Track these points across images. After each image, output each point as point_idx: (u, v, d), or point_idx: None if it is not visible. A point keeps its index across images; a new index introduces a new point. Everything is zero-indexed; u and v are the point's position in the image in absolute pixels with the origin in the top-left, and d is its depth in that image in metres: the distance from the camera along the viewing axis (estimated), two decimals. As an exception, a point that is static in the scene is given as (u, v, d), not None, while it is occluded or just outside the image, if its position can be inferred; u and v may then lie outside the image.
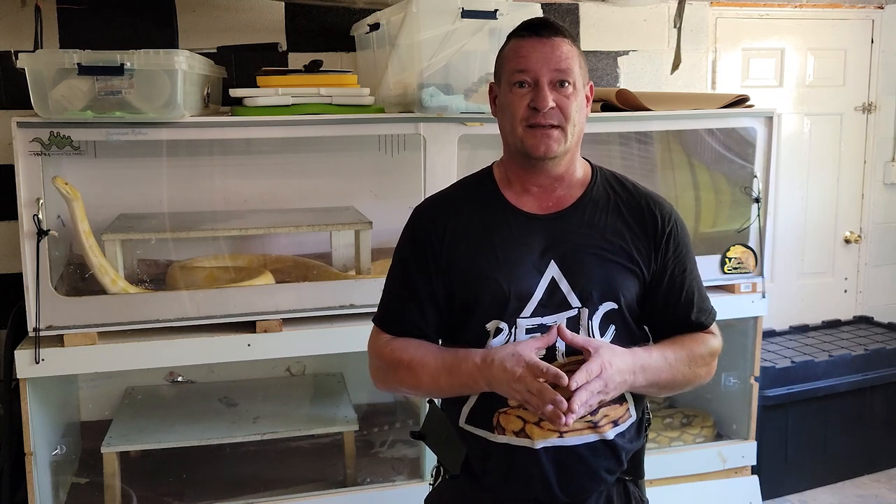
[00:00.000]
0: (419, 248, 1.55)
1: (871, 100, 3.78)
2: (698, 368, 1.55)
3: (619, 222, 1.54)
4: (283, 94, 2.35)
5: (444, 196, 1.63)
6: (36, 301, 2.20)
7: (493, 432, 1.50)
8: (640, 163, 3.07)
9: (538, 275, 1.49)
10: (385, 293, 1.62)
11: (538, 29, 1.50)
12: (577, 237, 1.52)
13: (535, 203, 1.55)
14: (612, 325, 1.52)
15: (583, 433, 1.48)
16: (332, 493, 2.60)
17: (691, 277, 1.58)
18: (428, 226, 1.56)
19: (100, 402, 2.89)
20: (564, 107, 1.47)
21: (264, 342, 2.40)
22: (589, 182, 1.58)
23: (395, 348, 1.54)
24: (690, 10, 3.30)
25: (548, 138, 1.47)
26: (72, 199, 2.24)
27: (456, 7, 2.30)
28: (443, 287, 1.53)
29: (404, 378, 1.53)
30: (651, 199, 1.58)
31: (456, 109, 2.37)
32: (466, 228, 1.54)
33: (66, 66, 2.09)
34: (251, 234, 2.81)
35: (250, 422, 2.66)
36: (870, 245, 3.90)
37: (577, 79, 1.49)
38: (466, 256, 1.52)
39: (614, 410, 1.50)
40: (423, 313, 1.55)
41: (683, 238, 1.58)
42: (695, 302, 1.58)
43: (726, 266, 2.79)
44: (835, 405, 3.28)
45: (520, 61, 1.48)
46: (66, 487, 2.55)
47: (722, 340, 1.60)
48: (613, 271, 1.51)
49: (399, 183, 2.75)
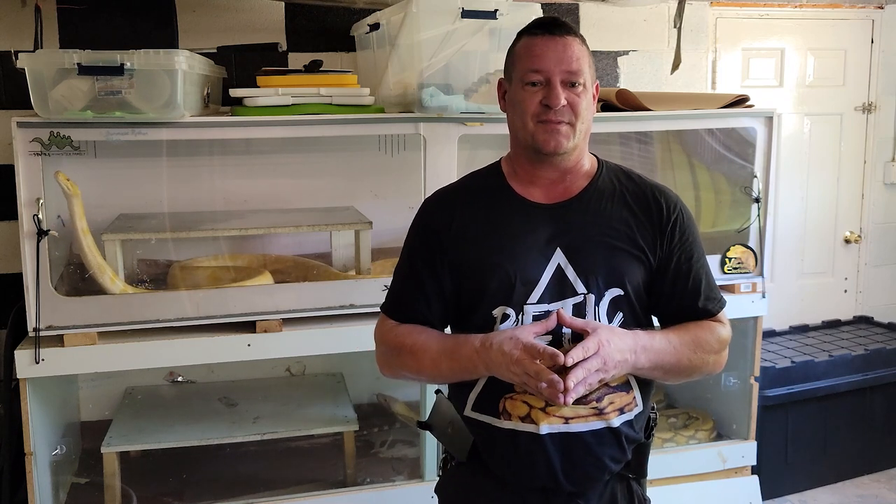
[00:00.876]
0: (426, 242, 1.59)
1: (871, 100, 3.78)
2: (705, 355, 1.56)
3: (625, 211, 1.57)
4: (283, 94, 2.36)
5: (453, 188, 1.67)
6: (36, 301, 2.20)
7: (500, 418, 1.51)
8: (640, 163, 3.06)
9: (544, 261, 1.52)
10: (393, 281, 1.66)
11: (551, 28, 1.52)
12: (583, 225, 1.55)
13: (542, 193, 1.58)
14: (619, 312, 1.53)
15: (588, 420, 1.49)
16: (332, 493, 2.60)
17: (699, 266, 1.60)
18: (435, 218, 1.60)
19: (100, 402, 2.89)
20: (575, 105, 1.51)
21: (264, 342, 2.40)
22: (595, 173, 1.61)
23: (399, 333, 1.58)
24: (690, 10, 3.30)
25: (558, 134, 1.51)
26: (71, 196, 2.24)
27: (456, 7, 2.30)
28: (449, 280, 1.57)
29: (407, 362, 1.56)
30: (657, 188, 1.61)
31: (456, 109, 2.37)
32: (474, 219, 1.57)
33: (66, 66, 2.09)
34: (251, 234, 2.81)
35: (250, 422, 2.66)
36: (870, 245, 3.90)
37: (587, 78, 1.52)
38: (473, 246, 1.55)
39: (620, 398, 1.52)
40: (428, 304, 1.59)
41: (689, 226, 1.60)
42: (702, 290, 1.59)
43: (726, 266, 2.79)
44: (835, 405, 3.28)
45: (533, 60, 1.51)
46: (66, 487, 2.55)
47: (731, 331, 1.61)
48: (618, 257, 1.53)
49: (399, 183, 2.75)
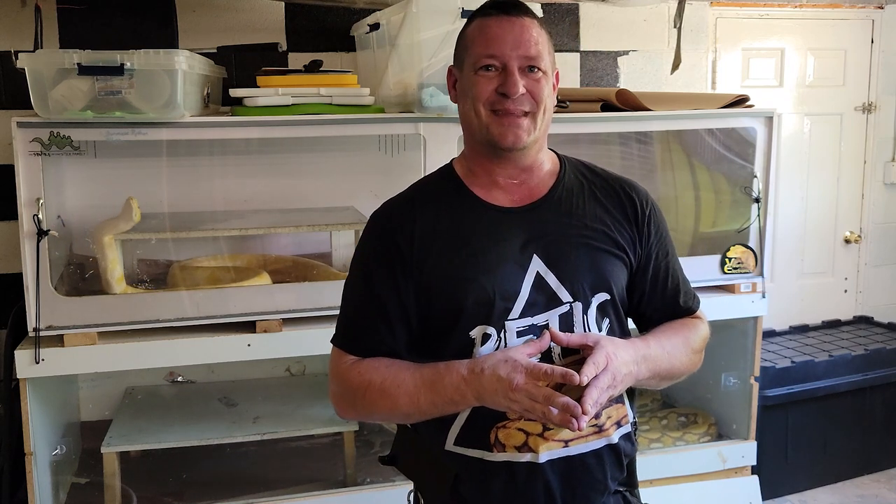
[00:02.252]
0: (384, 258, 1.41)
1: (871, 100, 3.78)
2: (693, 355, 1.49)
3: (598, 208, 1.46)
4: (283, 94, 2.35)
5: (406, 198, 1.49)
6: (36, 301, 2.20)
7: (492, 450, 1.37)
8: (640, 163, 3.06)
9: (522, 271, 1.38)
10: (345, 310, 1.46)
11: (506, 8, 1.39)
12: (558, 227, 1.42)
13: (506, 196, 1.45)
14: (606, 319, 1.43)
15: (588, 439, 1.39)
16: (332, 493, 2.60)
17: (673, 261, 1.53)
18: (393, 232, 1.41)
19: (100, 402, 2.89)
20: (535, 92, 1.38)
21: (264, 342, 2.40)
22: (559, 171, 1.49)
23: (363, 370, 1.39)
24: (690, 10, 3.30)
25: (517, 128, 1.38)
26: (129, 221, 2.33)
27: (456, 7, 2.30)
28: (414, 299, 1.40)
29: (377, 402, 1.37)
30: (625, 182, 1.51)
31: (456, 109, 2.36)
32: (436, 230, 1.41)
33: (66, 66, 2.09)
34: (251, 234, 2.81)
35: (250, 422, 2.66)
36: (870, 245, 3.90)
37: (546, 64, 1.39)
38: (441, 261, 1.39)
39: (616, 411, 1.43)
40: (391, 330, 1.40)
41: (662, 222, 1.52)
42: (681, 287, 1.54)
43: (726, 266, 2.79)
44: (835, 405, 3.28)
45: (488, 44, 1.37)
46: (66, 487, 2.55)
47: (708, 326, 1.56)
48: (602, 259, 1.42)
49: (399, 183, 2.70)
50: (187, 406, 2.80)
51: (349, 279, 1.48)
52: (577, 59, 3.25)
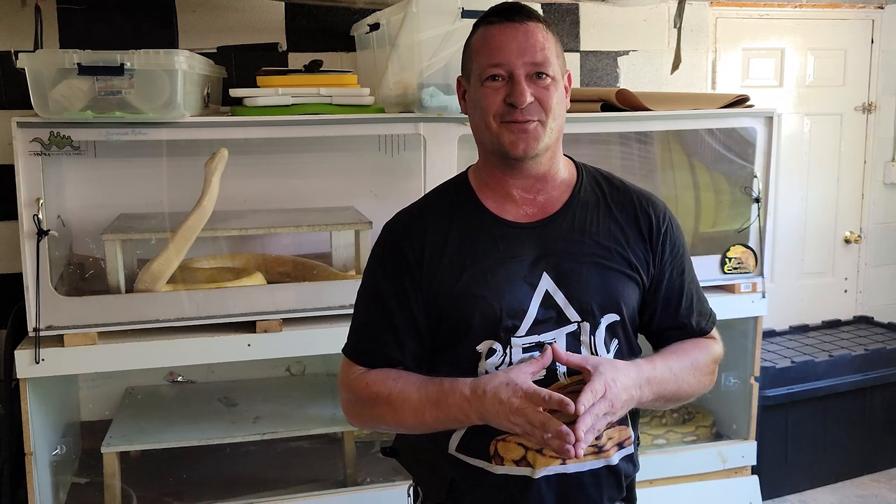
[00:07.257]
0: (395, 270, 1.40)
1: (871, 100, 3.78)
2: (703, 377, 1.45)
3: (612, 224, 1.43)
4: (283, 94, 2.35)
5: (418, 209, 1.48)
6: (36, 301, 2.20)
7: (492, 462, 1.37)
8: (640, 163, 3.07)
9: (530, 289, 1.37)
10: (356, 321, 1.47)
11: (509, 14, 1.35)
12: (569, 245, 1.40)
13: (519, 210, 1.42)
14: (615, 339, 1.41)
15: (586, 459, 1.37)
16: (332, 493, 2.60)
17: (689, 280, 1.50)
18: (403, 244, 1.41)
19: (100, 402, 2.88)
20: (544, 100, 1.34)
21: (264, 342, 2.40)
22: (575, 183, 1.46)
23: (371, 381, 1.39)
24: (690, 10, 3.30)
25: (526, 135, 1.34)
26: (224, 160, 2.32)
27: (456, 7, 2.30)
28: (424, 311, 1.39)
29: (383, 414, 1.38)
30: (643, 196, 1.47)
31: (456, 109, 2.36)
32: (446, 244, 1.40)
33: (66, 66, 2.09)
34: (251, 234, 2.81)
35: (250, 422, 2.66)
36: (870, 245, 3.90)
37: (555, 69, 1.36)
38: (450, 275, 1.38)
39: (619, 432, 1.41)
40: (399, 343, 1.41)
41: (679, 238, 1.48)
42: (694, 306, 1.49)
43: (726, 266, 2.79)
44: (835, 405, 3.28)
45: (493, 53, 1.34)
46: (66, 487, 2.55)
47: (723, 346, 1.52)
48: (612, 279, 1.40)
49: (399, 183, 2.75)
50: (187, 406, 2.80)
51: (360, 290, 1.48)
52: (577, 59, 3.25)
